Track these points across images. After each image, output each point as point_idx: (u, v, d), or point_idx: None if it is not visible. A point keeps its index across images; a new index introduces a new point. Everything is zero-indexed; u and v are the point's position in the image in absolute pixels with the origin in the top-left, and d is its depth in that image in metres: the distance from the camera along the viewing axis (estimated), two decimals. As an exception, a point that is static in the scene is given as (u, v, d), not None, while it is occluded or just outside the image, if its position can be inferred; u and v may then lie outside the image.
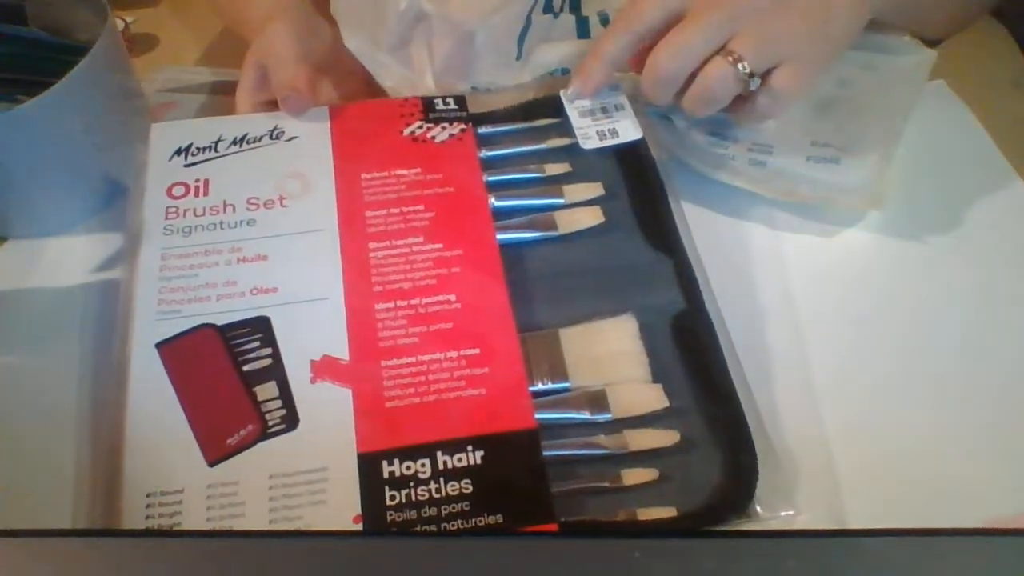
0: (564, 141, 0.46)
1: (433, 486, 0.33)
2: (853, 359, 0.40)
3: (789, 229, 0.46)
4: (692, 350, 0.38)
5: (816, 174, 0.44)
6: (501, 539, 0.32)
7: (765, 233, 0.46)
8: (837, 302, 0.43)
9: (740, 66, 0.39)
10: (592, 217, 0.43)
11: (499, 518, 0.32)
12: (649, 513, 0.33)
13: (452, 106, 0.47)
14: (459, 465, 0.34)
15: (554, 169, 0.45)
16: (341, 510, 0.33)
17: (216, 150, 0.45)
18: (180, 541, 0.31)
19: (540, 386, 0.37)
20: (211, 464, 0.34)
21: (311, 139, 0.45)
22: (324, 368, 0.37)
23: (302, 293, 0.39)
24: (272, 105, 0.47)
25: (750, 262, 0.44)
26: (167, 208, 0.42)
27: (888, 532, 0.29)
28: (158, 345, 0.37)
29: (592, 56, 0.44)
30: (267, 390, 0.36)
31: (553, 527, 0.32)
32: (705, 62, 0.40)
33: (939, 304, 0.42)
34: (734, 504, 0.33)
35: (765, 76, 0.40)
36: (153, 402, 0.36)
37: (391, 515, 0.33)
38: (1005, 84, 0.54)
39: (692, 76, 0.41)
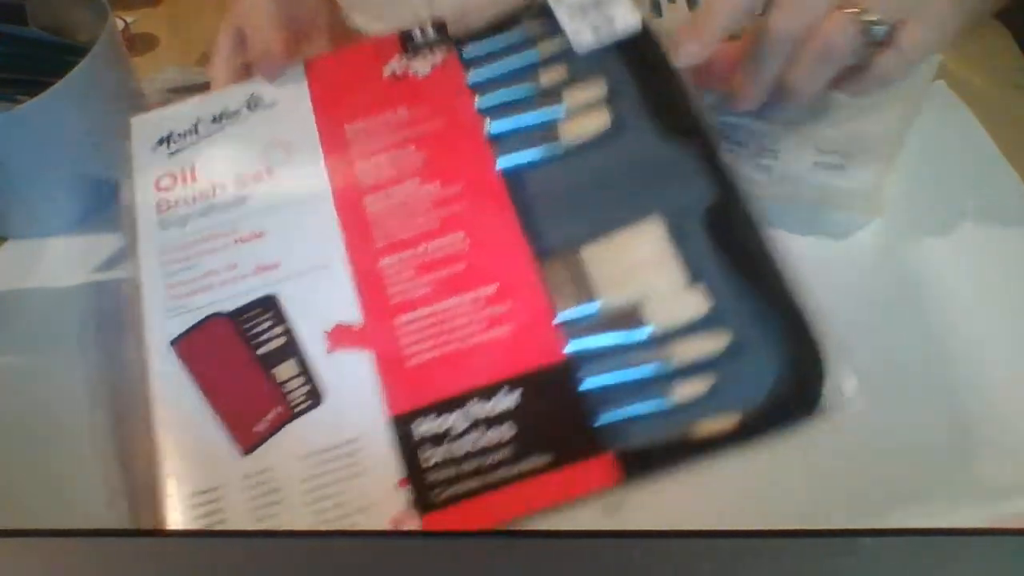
0: (556, 44, 0.41)
1: (471, 437, 0.32)
2: (854, 359, 0.40)
3: (792, 230, 0.46)
4: (730, 244, 0.35)
5: (821, 180, 0.44)
6: (501, 539, 0.32)
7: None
8: (838, 303, 0.43)
9: (864, 16, 0.36)
10: (597, 121, 0.39)
11: (546, 458, 0.31)
12: (708, 426, 0.31)
13: (431, 34, 0.43)
14: (495, 412, 0.32)
15: (549, 77, 0.41)
16: (382, 478, 0.32)
17: (197, 132, 0.43)
18: (179, 541, 0.31)
19: (568, 313, 0.34)
20: (244, 454, 0.34)
21: (290, 101, 0.43)
22: (338, 336, 0.36)
23: (304, 263, 0.38)
24: (250, 69, 0.45)
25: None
26: (158, 202, 0.41)
27: (888, 532, 0.29)
28: (173, 343, 0.37)
29: (706, 9, 0.38)
30: (286, 369, 0.35)
31: (607, 460, 0.31)
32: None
33: (939, 304, 0.42)
34: (800, 401, 0.31)
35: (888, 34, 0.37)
36: (178, 401, 0.35)
37: (431, 476, 0.32)
38: (1005, 84, 0.54)
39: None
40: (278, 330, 0.36)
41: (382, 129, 0.41)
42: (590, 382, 0.33)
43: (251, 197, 0.40)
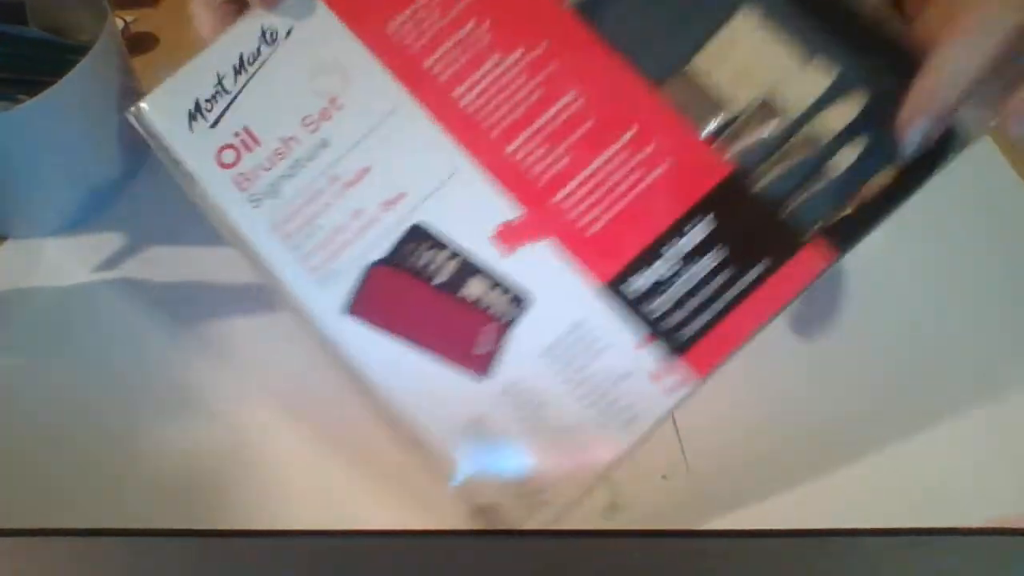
0: None
1: (685, 276, 0.33)
2: (854, 359, 0.40)
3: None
4: (819, 10, 0.35)
5: None
6: (502, 539, 0.32)
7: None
8: (836, 303, 0.43)
9: None
10: None
11: (763, 266, 0.32)
12: (872, 186, 0.33)
13: None
14: (693, 244, 0.33)
15: None
16: (623, 346, 0.33)
17: (226, 91, 0.38)
18: (179, 541, 0.31)
19: (709, 128, 0.35)
20: (484, 376, 0.34)
21: (310, 22, 0.39)
22: (508, 236, 0.35)
23: (429, 181, 0.36)
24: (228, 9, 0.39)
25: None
26: (233, 178, 0.37)
27: (888, 532, 0.29)
28: (347, 309, 0.35)
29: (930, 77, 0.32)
30: (476, 287, 0.35)
31: (815, 245, 0.32)
32: None
33: (939, 305, 0.42)
34: (943, 138, 0.33)
35: None
36: (388, 361, 0.34)
37: (665, 324, 0.33)
38: (1005, 84, 0.54)
39: None
40: (444, 255, 0.35)
41: (427, 16, 0.38)
42: (761, 183, 0.33)
43: (331, 137, 0.37)
